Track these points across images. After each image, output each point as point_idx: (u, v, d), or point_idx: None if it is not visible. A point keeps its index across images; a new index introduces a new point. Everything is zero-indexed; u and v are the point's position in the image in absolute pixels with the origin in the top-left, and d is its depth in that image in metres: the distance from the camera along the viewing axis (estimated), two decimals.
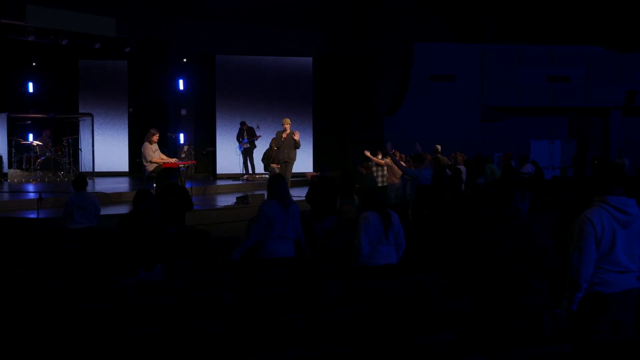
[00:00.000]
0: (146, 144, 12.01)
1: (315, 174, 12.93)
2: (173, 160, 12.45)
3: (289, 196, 6.33)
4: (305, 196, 9.34)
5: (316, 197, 8.90)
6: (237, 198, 12.78)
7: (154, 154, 12.02)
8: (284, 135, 14.02)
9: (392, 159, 10.85)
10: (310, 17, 18.46)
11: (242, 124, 17.34)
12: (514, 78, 19.63)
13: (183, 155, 13.53)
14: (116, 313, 4.47)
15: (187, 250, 7.15)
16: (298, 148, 14.28)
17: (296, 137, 14.05)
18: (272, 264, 5.91)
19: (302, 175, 16.21)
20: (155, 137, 12.11)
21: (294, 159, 14.28)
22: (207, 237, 8.28)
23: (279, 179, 6.38)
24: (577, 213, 4.16)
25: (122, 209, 11.55)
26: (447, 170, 13.58)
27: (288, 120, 14.38)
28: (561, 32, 20.18)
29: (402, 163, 13.08)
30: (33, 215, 10.91)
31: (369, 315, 4.49)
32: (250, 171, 17.17)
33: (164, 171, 10.83)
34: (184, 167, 12.87)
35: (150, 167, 12.01)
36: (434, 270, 5.54)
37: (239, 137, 17.30)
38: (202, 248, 7.33)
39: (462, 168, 14.49)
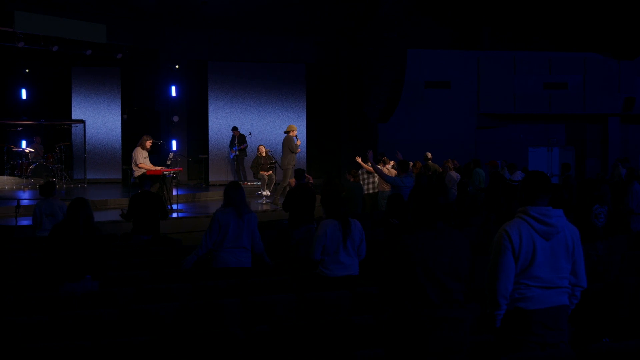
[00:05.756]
0: (138, 148, 11.99)
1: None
2: (159, 168, 12.37)
3: (245, 205, 6.16)
4: (282, 204, 9.19)
5: (293, 205, 8.74)
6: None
7: (144, 160, 11.98)
8: (299, 142, 13.72)
9: (372, 166, 10.75)
10: (303, 24, 18.37)
11: (234, 129, 17.24)
12: (510, 85, 19.41)
13: (169, 163, 13.41)
14: (49, 325, 4.34)
15: (152, 259, 7.01)
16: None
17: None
18: (224, 274, 5.76)
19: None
20: (149, 144, 12.08)
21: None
22: (177, 246, 8.14)
23: (236, 186, 6.24)
24: None
25: (109, 216, 11.45)
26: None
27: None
28: (558, 39, 19.98)
29: (393, 170, 12.92)
30: (13, 222, 10.83)
31: (311, 329, 4.34)
32: (243, 179, 17.02)
33: (141, 178, 10.73)
34: (170, 174, 12.75)
35: (138, 173, 11.94)
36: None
37: (231, 145, 17.24)
38: (167, 256, 7.18)
39: (454, 175, 14.32)
